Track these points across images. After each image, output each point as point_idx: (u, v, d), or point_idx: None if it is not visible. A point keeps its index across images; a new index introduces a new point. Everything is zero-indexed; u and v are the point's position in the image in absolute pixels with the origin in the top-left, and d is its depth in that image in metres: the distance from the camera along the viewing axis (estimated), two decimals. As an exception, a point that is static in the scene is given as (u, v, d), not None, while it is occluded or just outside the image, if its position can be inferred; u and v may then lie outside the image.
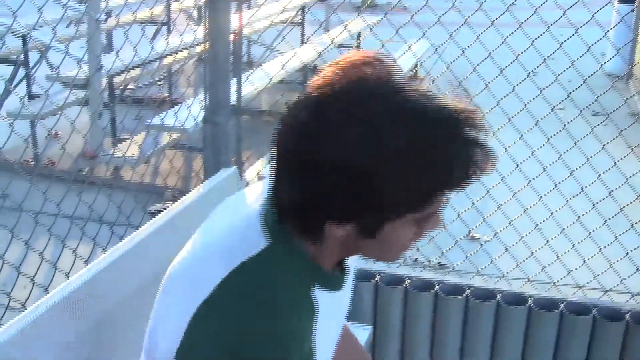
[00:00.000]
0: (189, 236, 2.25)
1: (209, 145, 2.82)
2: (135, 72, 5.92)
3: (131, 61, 4.67)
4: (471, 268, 3.28)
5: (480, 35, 3.00)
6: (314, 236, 1.19)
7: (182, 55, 6.44)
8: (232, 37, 2.68)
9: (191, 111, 4.50)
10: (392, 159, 1.06)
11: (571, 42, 2.85)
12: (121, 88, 6.75)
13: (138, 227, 2.18)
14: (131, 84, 7.18)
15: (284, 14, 7.31)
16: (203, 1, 2.91)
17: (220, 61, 2.71)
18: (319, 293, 1.25)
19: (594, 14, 2.84)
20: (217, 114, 2.77)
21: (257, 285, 1.18)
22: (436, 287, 2.86)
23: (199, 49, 6.07)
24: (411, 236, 1.20)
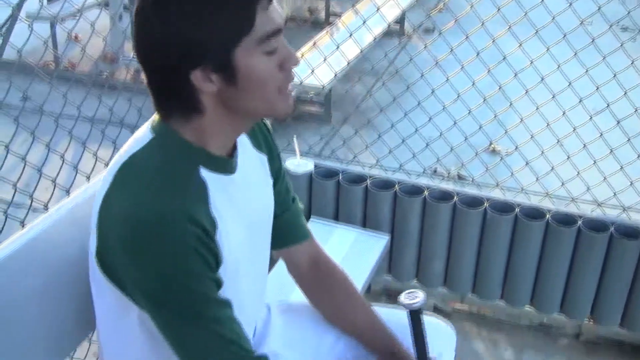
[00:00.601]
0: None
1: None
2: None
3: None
4: (490, 180, 3.28)
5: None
6: (193, 108, 1.31)
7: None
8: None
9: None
10: None
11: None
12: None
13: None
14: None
15: None
16: None
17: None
18: (208, 175, 1.36)
19: None
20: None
21: (140, 171, 1.32)
22: (455, 198, 2.86)
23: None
24: (270, 70, 1.29)
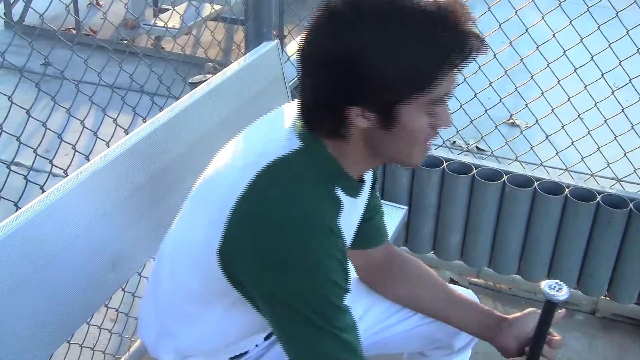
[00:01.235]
0: (229, 108, 2.27)
1: (251, 17, 2.79)
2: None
3: None
4: (510, 154, 3.26)
5: None
6: (339, 132, 1.31)
7: None
8: None
9: (234, -17, 4.43)
10: (400, 40, 1.21)
11: None
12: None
13: (178, 97, 2.19)
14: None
15: None
16: None
17: None
18: (342, 195, 1.38)
19: None
20: (261, -14, 2.73)
21: (285, 178, 1.31)
22: (473, 171, 2.86)
23: None
24: (424, 128, 1.30)
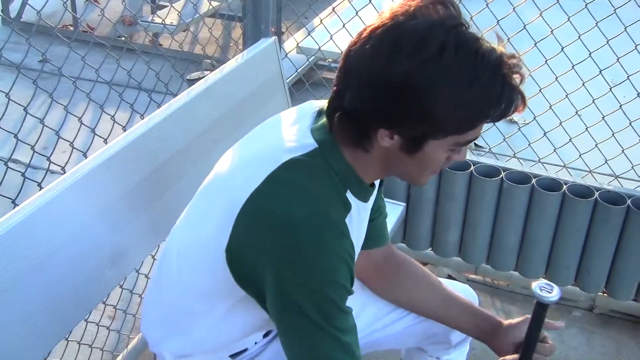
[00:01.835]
0: (227, 105, 2.27)
1: (249, 14, 2.79)
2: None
3: None
4: (507, 151, 3.26)
5: None
6: (362, 144, 1.32)
7: None
8: None
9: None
10: (456, 82, 1.21)
11: None
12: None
13: (176, 94, 2.19)
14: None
15: None
16: None
17: None
18: (352, 198, 1.39)
19: None
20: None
21: (299, 177, 1.31)
22: (471, 168, 2.86)
23: None
24: (442, 160, 1.34)
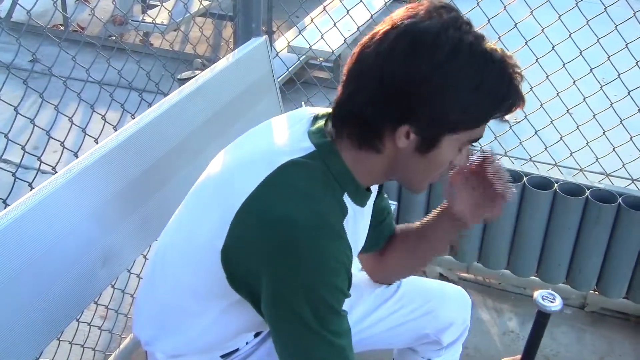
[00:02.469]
0: (218, 104, 2.26)
1: (240, 13, 2.78)
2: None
3: None
4: (499, 149, 3.26)
5: None
6: (374, 145, 1.33)
7: None
8: None
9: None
10: (469, 81, 1.27)
11: None
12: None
13: (167, 94, 2.18)
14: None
15: None
16: None
17: None
18: (349, 202, 1.40)
19: None
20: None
21: (297, 180, 1.31)
22: (462, 168, 2.86)
23: None
24: (447, 163, 1.37)
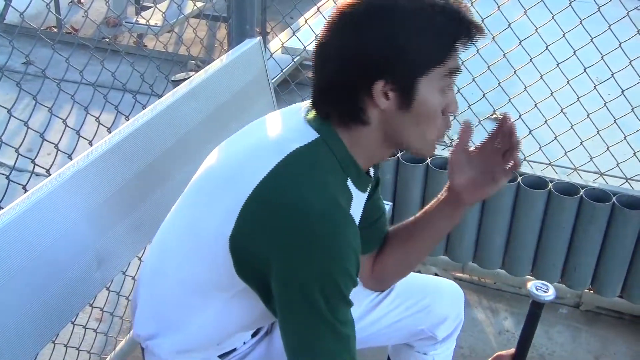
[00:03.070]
0: (212, 105, 2.26)
1: (233, 14, 2.78)
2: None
3: None
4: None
5: None
6: (359, 117, 1.35)
7: None
8: None
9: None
10: (419, 19, 1.31)
11: None
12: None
13: (161, 95, 2.18)
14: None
15: None
16: None
17: None
18: (352, 188, 1.41)
19: None
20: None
21: (308, 166, 1.32)
22: (457, 168, 2.86)
23: None
24: (438, 108, 1.38)
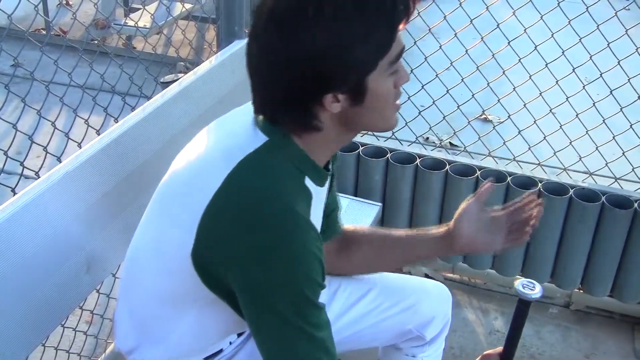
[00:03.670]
0: (201, 107, 2.26)
1: (222, 15, 2.77)
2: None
3: None
4: (483, 149, 3.27)
5: None
6: (312, 125, 1.32)
7: None
8: None
9: (204, -18, 4.40)
10: (347, 10, 1.22)
11: None
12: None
13: (150, 97, 2.17)
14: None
15: None
16: None
17: None
18: (311, 184, 1.38)
19: None
20: (231, -17, 2.71)
21: (260, 172, 1.30)
22: (447, 167, 2.87)
23: None
24: (391, 89, 1.34)
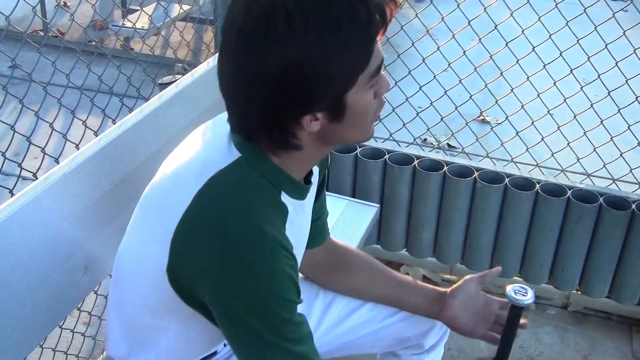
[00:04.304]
0: (199, 108, 2.26)
1: (220, 17, 2.78)
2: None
3: None
4: (480, 151, 3.27)
5: None
6: (291, 144, 1.28)
7: None
8: None
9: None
10: (325, 30, 1.16)
11: None
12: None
13: (148, 99, 2.17)
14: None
15: None
16: None
17: None
18: (287, 199, 1.36)
19: None
20: (229, -14, 2.71)
21: (228, 190, 1.27)
22: (445, 168, 2.87)
23: None
24: (372, 102, 1.29)
